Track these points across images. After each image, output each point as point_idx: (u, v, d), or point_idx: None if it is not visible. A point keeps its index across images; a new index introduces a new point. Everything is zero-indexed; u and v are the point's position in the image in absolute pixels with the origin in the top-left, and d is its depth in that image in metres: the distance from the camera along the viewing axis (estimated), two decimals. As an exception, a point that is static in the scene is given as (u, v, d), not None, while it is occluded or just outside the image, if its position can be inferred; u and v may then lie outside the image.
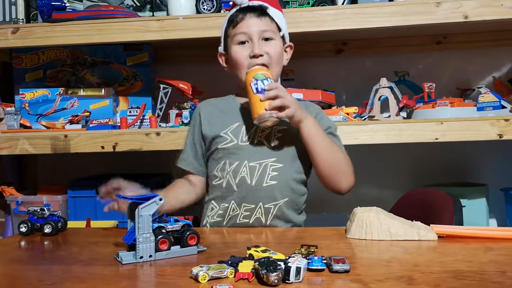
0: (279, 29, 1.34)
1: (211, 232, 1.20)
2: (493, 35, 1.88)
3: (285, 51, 1.38)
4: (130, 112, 1.88)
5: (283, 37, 1.36)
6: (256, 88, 1.17)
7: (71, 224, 1.27)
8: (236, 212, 1.27)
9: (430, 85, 1.70)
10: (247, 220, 1.26)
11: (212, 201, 1.32)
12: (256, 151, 1.27)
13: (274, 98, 1.18)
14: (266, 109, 1.17)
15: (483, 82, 1.93)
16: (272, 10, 1.33)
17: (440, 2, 1.54)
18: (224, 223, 1.28)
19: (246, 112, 1.30)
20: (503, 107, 1.56)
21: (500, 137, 1.49)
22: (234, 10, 1.33)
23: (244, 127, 1.30)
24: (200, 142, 1.36)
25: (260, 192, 1.25)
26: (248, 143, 1.28)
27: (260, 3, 1.32)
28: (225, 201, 1.28)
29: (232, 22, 1.32)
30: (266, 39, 1.30)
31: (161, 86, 1.74)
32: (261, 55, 1.28)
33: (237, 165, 1.27)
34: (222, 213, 1.28)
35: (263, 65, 1.28)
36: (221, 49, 1.39)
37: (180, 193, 1.35)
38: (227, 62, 1.38)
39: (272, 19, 1.33)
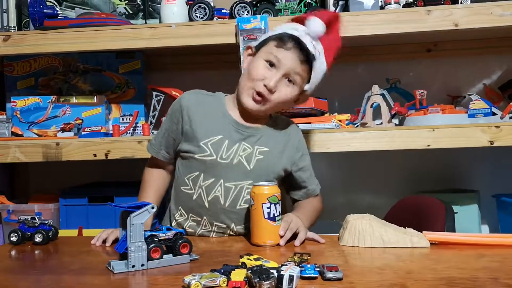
0: (308, 81, 1.25)
1: (204, 241, 1.19)
2: (483, 42, 1.90)
3: (298, 98, 1.29)
4: (122, 119, 1.88)
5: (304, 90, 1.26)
6: (268, 213, 1.09)
7: (62, 232, 1.27)
8: (208, 228, 1.24)
9: (422, 92, 1.72)
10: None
11: (180, 208, 1.27)
12: (234, 171, 1.21)
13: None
14: (281, 244, 1.10)
15: (474, 89, 1.95)
16: (318, 63, 1.23)
17: (430, 10, 1.55)
18: (196, 234, 1.26)
19: (232, 125, 1.25)
20: (494, 114, 1.58)
21: (491, 143, 1.50)
22: (296, 30, 1.22)
23: (226, 142, 1.23)
24: (177, 136, 1.27)
25: (232, 214, 1.22)
26: (227, 161, 1.21)
27: (313, 51, 1.20)
28: (195, 214, 1.25)
29: (281, 41, 1.21)
30: (288, 80, 1.22)
31: (154, 93, 1.74)
32: (269, 90, 1.20)
33: (212, 183, 1.22)
34: (194, 225, 1.26)
35: (262, 97, 1.21)
36: (254, 43, 1.30)
37: (161, 189, 1.34)
38: (250, 55, 1.28)
39: (310, 70, 1.23)
